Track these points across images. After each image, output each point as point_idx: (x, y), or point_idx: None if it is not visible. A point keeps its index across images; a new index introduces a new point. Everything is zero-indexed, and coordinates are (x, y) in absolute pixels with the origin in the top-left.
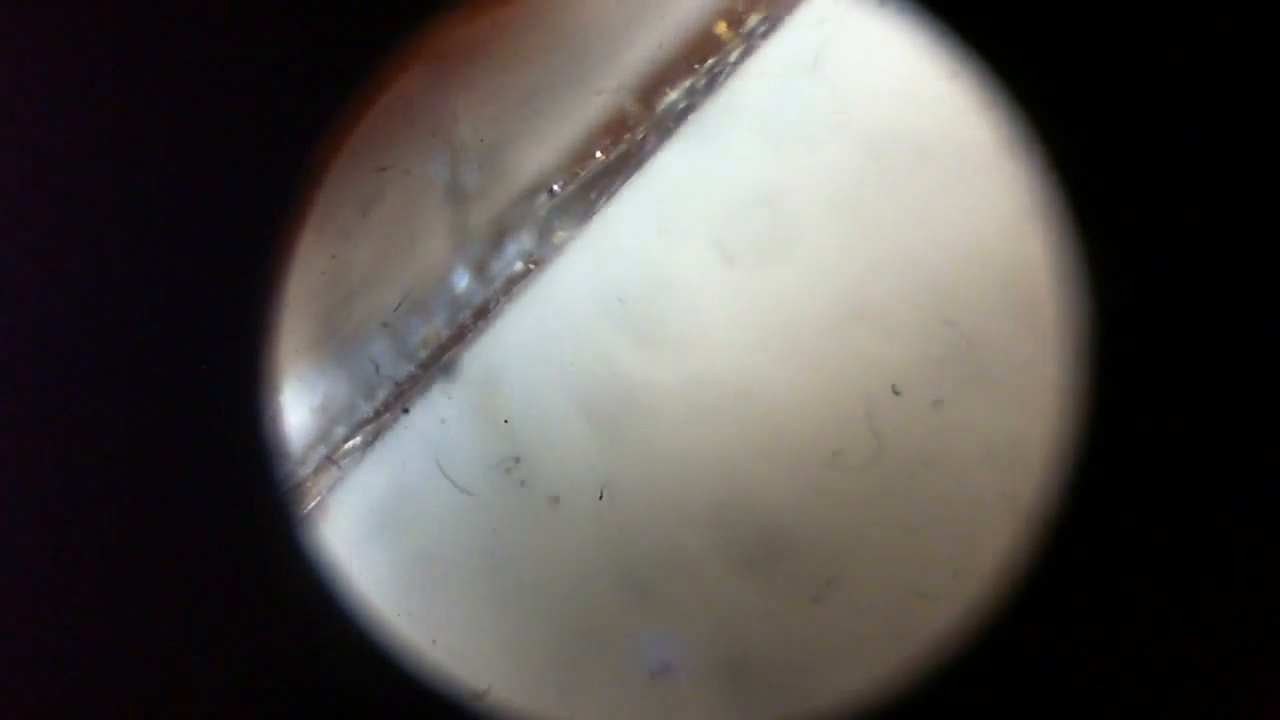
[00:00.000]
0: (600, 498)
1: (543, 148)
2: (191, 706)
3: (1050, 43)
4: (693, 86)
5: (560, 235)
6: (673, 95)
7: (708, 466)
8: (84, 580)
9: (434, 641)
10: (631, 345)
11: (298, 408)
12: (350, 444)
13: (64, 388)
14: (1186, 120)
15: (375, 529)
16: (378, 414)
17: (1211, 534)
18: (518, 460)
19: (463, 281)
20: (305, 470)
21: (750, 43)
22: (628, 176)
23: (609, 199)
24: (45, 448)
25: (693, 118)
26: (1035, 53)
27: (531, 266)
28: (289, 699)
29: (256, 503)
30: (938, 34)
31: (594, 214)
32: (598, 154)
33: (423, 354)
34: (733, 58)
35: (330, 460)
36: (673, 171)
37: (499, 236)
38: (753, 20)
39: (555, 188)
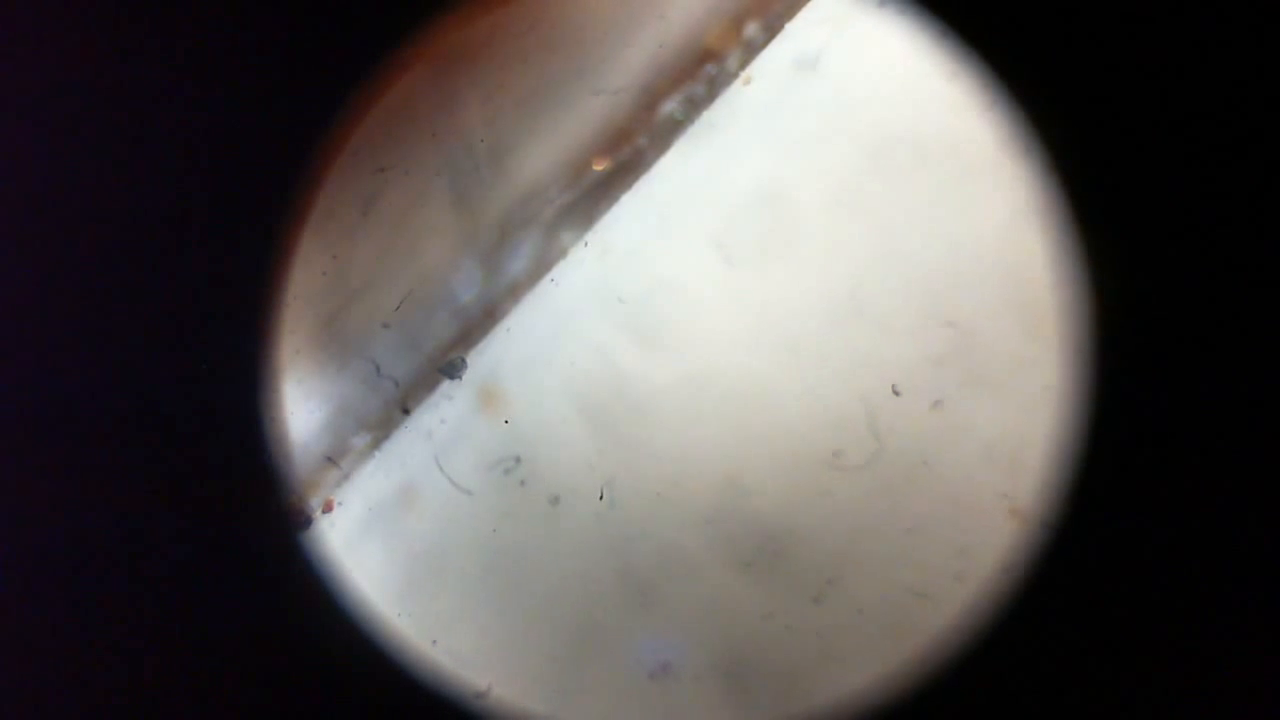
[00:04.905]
0: (600, 498)
1: (544, 149)
2: (191, 706)
3: (1050, 43)
4: (693, 91)
5: (562, 236)
6: (673, 100)
7: (708, 467)
8: (83, 579)
9: (434, 641)
10: (632, 345)
11: (298, 408)
12: (351, 444)
13: (64, 388)
14: (1186, 120)
15: (375, 529)
16: (378, 414)
17: (1211, 534)
18: (518, 460)
19: (464, 282)
20: (306, 470)
21: (751, 46)
22: (630, 179)
23: (611, 202)
24: (46, 447)
25: (694, 121)
26: (1035, 53)
27: (533, 267)
28: (290, 699)
29: (257, 503)
30: (938, 34)
31: (596, 216)
32: (599, 158)
33: (423, 354)
34: (733, 61)
35: (330, 460)
36: (673, 173)
37: (501, 237)
38: (753, 23)
39: (557, 190)
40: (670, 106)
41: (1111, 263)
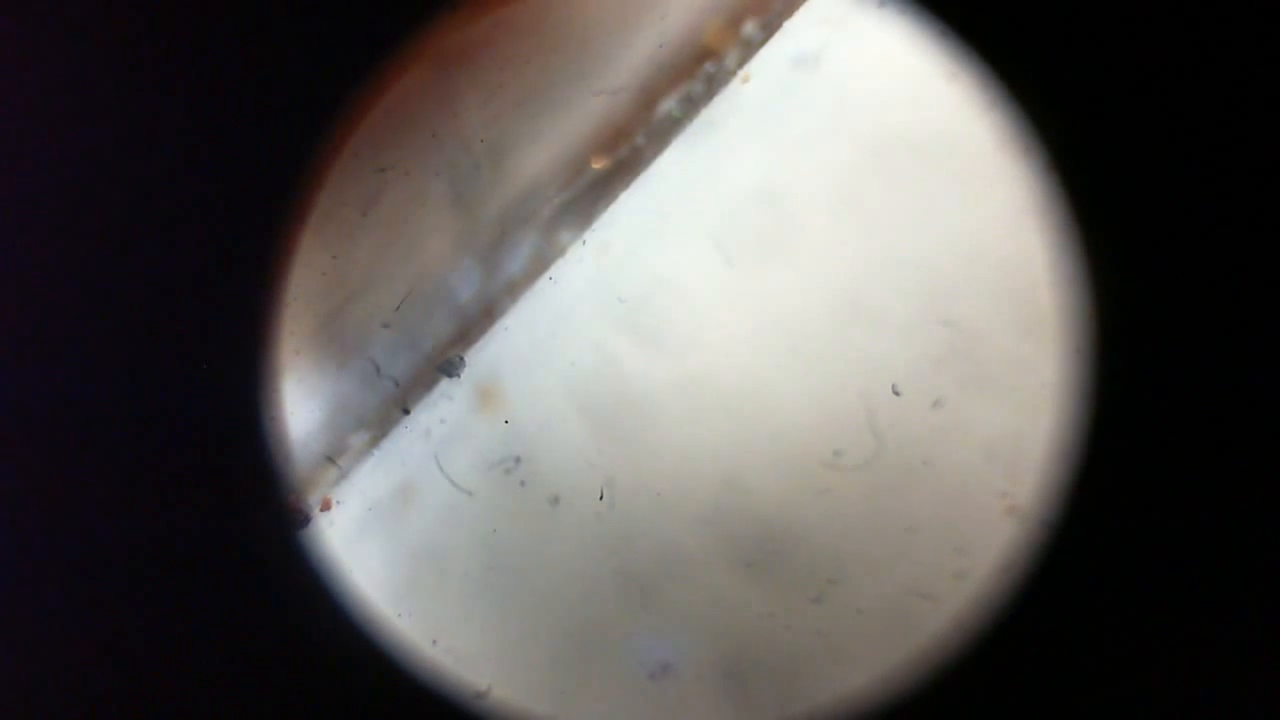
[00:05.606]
0: (600, 498)
1: (544, 149)
2: (192, 706)
3: (1050, 43)
4: (692, 89)
5: (561, 235)
6: (672, 98)
7: (708, 466)
8: (83, 578)
9: (434, 641)
10: (632, 345)
11: (298, 407)
12: (350, 443)
13: (65, 388)
14: (1186, 120)
15: (374, 528)
16: (378, 414)
17: (1211, 533)
18: (518, 460)
19: (463, 282)
20: (305, 470)
21: (750, 44)
22: (629, 178)
23: (610, 200)
24: (47, 446)
25: (693, 120)
26: (1035, 53)
27: (532, 266)
28: (289, 699)
29: (257, 503)
30: (938, 34)
31: (595, 215)
32: (597, 156)
33: (422, 353)
34: (732, 60)
35: (330, 460)
36: (673, 173)
37: (500, 237)
38: (752, 22)
39: (556, 189)
40: (669, 105)
41: (1111, 262)
